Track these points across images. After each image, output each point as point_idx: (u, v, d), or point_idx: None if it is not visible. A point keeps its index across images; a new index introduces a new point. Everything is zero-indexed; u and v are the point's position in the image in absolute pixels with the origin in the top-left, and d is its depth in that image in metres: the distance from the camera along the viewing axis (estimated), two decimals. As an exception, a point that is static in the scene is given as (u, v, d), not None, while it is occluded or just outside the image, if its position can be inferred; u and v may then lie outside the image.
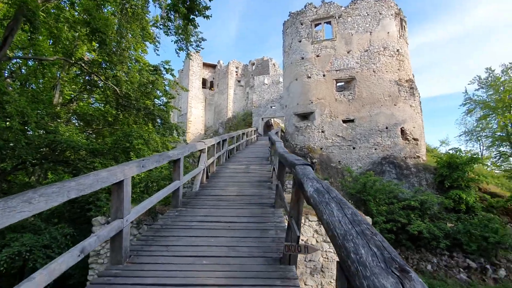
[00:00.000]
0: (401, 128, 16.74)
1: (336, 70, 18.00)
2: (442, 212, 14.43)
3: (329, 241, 6.75)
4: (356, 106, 17.35)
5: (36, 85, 13.99)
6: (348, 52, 17.99)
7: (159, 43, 10.49)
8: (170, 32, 8.99)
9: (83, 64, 10.67)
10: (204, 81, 45.03)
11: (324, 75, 18.19)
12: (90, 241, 2.67)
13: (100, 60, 9.03)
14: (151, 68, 12.71)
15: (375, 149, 16.71)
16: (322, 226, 7.16)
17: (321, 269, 6.43)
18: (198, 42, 9.83)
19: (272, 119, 31.32)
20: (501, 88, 27.37)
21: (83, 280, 6.07)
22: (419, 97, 17.63)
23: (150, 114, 9.54)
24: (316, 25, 19.07)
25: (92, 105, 13.67)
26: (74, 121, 14.23)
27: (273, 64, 39.57)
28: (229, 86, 41.54)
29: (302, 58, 18.95)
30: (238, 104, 41.99)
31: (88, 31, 7.71)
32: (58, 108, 11.64)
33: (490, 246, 12.98)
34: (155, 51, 11.03)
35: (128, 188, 3.30)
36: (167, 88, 12.84)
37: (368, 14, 18.10)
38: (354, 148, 17.03)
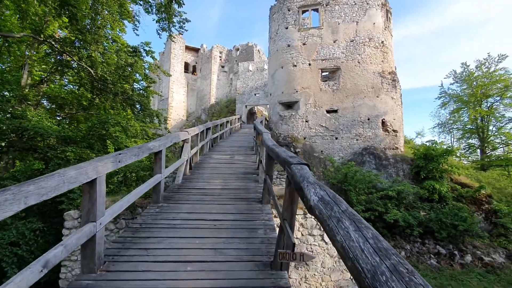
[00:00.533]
0: (382, 120, 16.95)
1: (322, 60, 17.74)
2: (416, 201, 14.96)
3: (314, 234, 6.67)
4: (340, 96, 17.30)
5: (3, 64, 12.64)
6: (334, 42, 17.72)
7: (138, 22, 9.63)
8: (151, 10, 8.22)
9: (53, 42, 9.63)
10: (186, 65, 43.36)
11: (309, 64, 17.89)
12: (56, 252, 2.26)
13: (73, 38, 8.09)
14: (129, 49, 11.80)
15: (357, 140, 16.88)
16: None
17: (306, 262, 6.36)
18: (181, 23, 9.11)
19: (255, 107, 30.87)
20: (474, 83, 28.47)
21: (54, 277, 5.60)
22: (400, 89, 17.85)
23: (129, 99, 8.81)
24: (303, 12, 18.54)
25: (65, 88, 12.59)
26: (45, 103, 13.10)
27: (258, 50, 38.69)
28: (213, 72, 40.32)
29: (288, 46, 18.47)
30: (222, 90, 40.99)
31: (56, 4, 6.81)
32: (27, 90, 10.57)
33: (459, 233, 13.67)
34: (134, 30, 10.15)
35: (102, 187, 2.88)
36: (147, 71, 12.02)
37: (355, 3, 17.80)
38: (336, 138, 17.10)
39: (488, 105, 28.69)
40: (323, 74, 18.29)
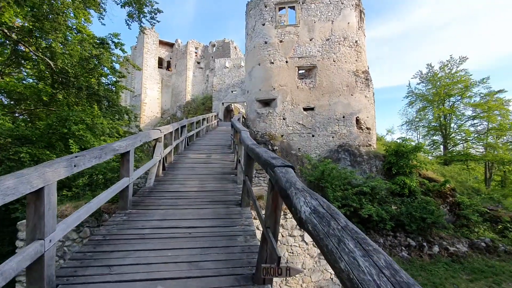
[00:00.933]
0: (356, 118, 17.28)
1: (298, 57, 17.69)
2: (389, 196, 15.45)
3: (295, 235, 6.49)
4: (316, 94, 17.38)
5: None
6: (310, 40, 17.73)
7: (104, 10, 8.80)
8: (119, -1, 7.51)
9: (5, 30, 8.53)
10: (160, 61, 41.67)
11: (287, 62, 17.77)
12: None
13: (30, 26, 7.14)
14: (96, 40, 10.87)
15: (333, 137, 17.07)
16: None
17: (286, 263, 6.15)
18: (153, 14, 8.46)
19: (232, 104, 30.37)
20: (438, 83, 30.10)
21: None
22: (373, 88, 18.31)
23: (94, 94, 8.02)
24: (280, 9, 18.35)
25: (24, 81, 11.35)
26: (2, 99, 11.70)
27: (235, 47, 38.08)
28: (188, 68, 39.10)
29: (266, 43, 18.21)
30: (198, 87, 39.92)
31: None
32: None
33: (427, 225, 14.31)
34: (99, 19, 9.29)
35: (51, 198, 2.39)
36: (116, 65, 11.15)
37: (330, 2, 17.91)
38: (313, 136, 17.18)
39: (450, 104, 30.47)
40: (300, 72, 18.27)
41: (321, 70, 17.48)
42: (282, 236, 6.18)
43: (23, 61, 9.23)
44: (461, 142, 30.83)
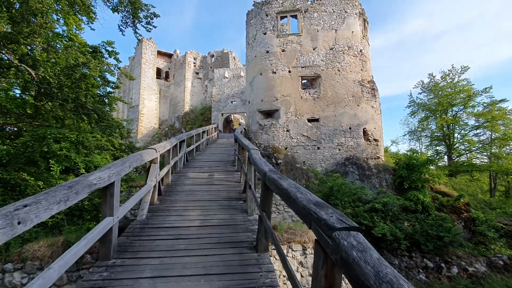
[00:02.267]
0: (363, 129, 16.41)
1: (302, 67, 16.93)
2: (401, 212, 14.42)
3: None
4: (321, 105, 16.54)
5: None
6: (314, 49, 17.02)
7: (94, 14, 7.94)
8: (110, 1, 6.65)
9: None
10: (159, 71, 40.99)
11: (289, 71, 16.99)
12: None
13: (7, 31, 6.22)
14: (88, 49, 9.98)
15: (339, 149, 16.14)
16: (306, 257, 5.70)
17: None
18: (149, 19, 7.60)
19: (232, 115, 29.49)
20: (440, 92, 29.55)
21: None
22: (379, 98, 17.54)
23: (82, 107, 7.04)
24: (282, 18, 17.71)
25: (7, 92, 10.34)
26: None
27: (234, 57, 37.55)
28: (186, 78, 38.39)
29: (267, 52, 17.48)
30: (196, 97, 39.13)
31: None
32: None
33: (443, 244, 13.27)
34: (88, 23, 8.40)
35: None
36: (109, 75, 10.21)
37: (334, 11, 17.32)
38: (318, 148, 16.24)
39: (453, 114, 29.88)
40: (304, 81, 17.49)
41: (325, 79, 16.70)
42: (302, 276, 5.11)
43: (4, 70, 8.25)
44: (465, 152, 30.10)
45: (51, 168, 5.85)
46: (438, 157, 32.26)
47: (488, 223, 15.04)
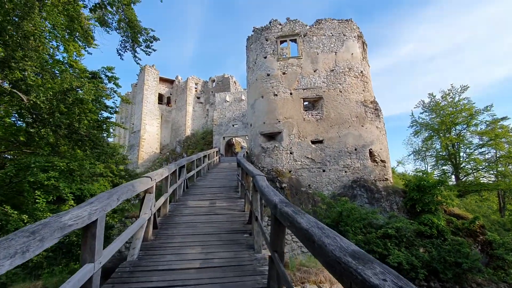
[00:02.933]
0: (369, 150, 15.89)
1: (303, 89, 16.79)
2: (415, 238, 13.48)
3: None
4: (324, 126, 16.17)
5: None
6: (314, 71, 16.99)
7: (92, 38, 7.79)
8: (108, 24, 6.47)
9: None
10: (160, 97, 41.44)
11: (291, 93, 16.83)
12: None
13: (2, 55, 5.95)
14: (88, 75, 9.81)
15: (345, 171, 15.51)
16: None
17: None
18: (148, 42, 7.41)
19: (234, 138, 29.16)
20: (442, 112, 29.36)
21: None
22: (383, 118, 17.19)
23: (75, 133, 6.62)
24: (281, 42, 17.90)
25: (2, 119, 10.03)
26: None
27: (234, 82, 38.04)
28: (188, 103, 38.66)
29: (268, 75, 17.45)
30: (198, 121, 39.15)
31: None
32: None
33: (462, 271, 12.26)
34: (85, 48, 8.24)
35: None
36: (108, 101, 9.94)
37: (332, 35, 17.51)
38: (324, 170, 15.62)
39: (456, 133, 29.50)
40: (305, 103, 17.28)
41: (327, 101, 16.48)
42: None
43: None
44: (472, 171, 29.32)
45: (38, 202, 5.28)
46: (444, 177, 31.41)
47: (505, 246, 14.10)
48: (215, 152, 17.91)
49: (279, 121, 16.51)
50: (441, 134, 29.91)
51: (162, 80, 41.85)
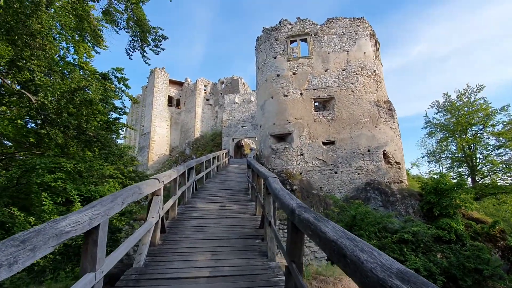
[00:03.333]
0: (383, 151, 15.35)
1: (314, 89, 16.41)
2: (432, 243, 12.86)
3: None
4: (336, 127, 15.73)
5: None
6: (325, 71, 16.59)
7: (101, 38, 7.70)
8: (117, 23, 6.34)
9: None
10: (170, 99, 41.69)
11: (301, 94, 16.48)
12: None
13: (9, 55, 5.87)
14: (98, 76, 9.76)
15: (358, 173, 15.01)
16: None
17: None
18: (157, 41, 7.25)
19: (243, 140, 28.94)
20: (458, 112, 28.36)
21: None
22: (397, 119, 16.61)
23: (83, 133, 6.49)
24: (291, 42, 17.59)
25: (14, 121, 10.09)
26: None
27: (243, 83, 37.90)
28: (197, 105, 38.73)
29: (278, 75, 17.15)
30: (207, 123, 39.16)
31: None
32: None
33: (482, 279, 11.61)
34: (93, 47, 8.15)
35: None
36: (118, 102, 9.87)
37: (344, 34, 17.09)
38: (336, 172, 15.16)
39: (472, 134, 28.45)
40: (317, 104, 16.89)
41: (339, 101, 16.04)
42: None
43: (7, 96, 7.95)
44: (489, 173, 28.16)
45: (43, 202, 5.14)
46: (463, 180, 30.23)
47: (528, 252, 13.28)
48: (225, 153, 17.70)
49: (289, 122, 16.17)
50: (456, 135, 28.93)
51: (172, 82, 42.12)
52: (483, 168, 28.20)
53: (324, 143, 15.65)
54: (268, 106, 17.31)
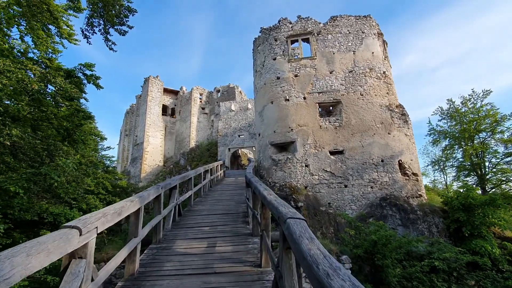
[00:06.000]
0: (398, 161, 13.28)
1: (318, 93, 14.44)
2: (465, 270, 10.64)
3: None
4: (344, 134, 13.68)
5: None
6: (330, 73, 14.67)
7: (69, 27, 5.68)
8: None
9: None
10: (165, 108, 39.55)
11: (304, 98, 14.48)
12: None
13: None
14: (62, 73, 7.68)
15: (371, 187, 12.87)
16: None
17: None
18: (122, 16, 5.20)
19: (240, 150, 26.75)
20: (464, 119, 26.66)
21: None
22: (411, 124, 14.64)
23: None
24: (292, 42, 15.72)
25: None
26: None
27: (240, 91, 36.01)
28: (192, 114, 36.62)
29: (278, 78, 15.19)
30: (202, 133, 36.98)
31: None
32: None
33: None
34: (60, 39, 6.15)
35: None
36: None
37: (349, 32, 15.28)
38: (346, 186, 13.01)
39: (480, 141, 26.65)
40: (322, 109, 14.89)
41: (347, 105, 14.06)
42: None
43: None
44: (500, 182, 26.22)
45: None
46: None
47: None
48: (219, 165, 15.44)
49: (291, 129, 14.09)
50: (462, 143, 27.14)
51: (167, 91, 40.14)
52: (494, 177, 26.30)
53: (332, 153, 13.55)
54: (267, 112, 15.26)
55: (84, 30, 5.73)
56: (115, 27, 5.56)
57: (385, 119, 13.75)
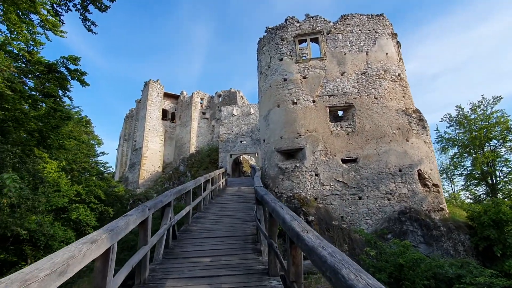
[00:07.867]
0: (417, 171, 12.00)
1: (329, 95, 13.24)
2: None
3: None
4: (358, 141, 12.43)
5: None
6: (342, 74, 13.50)
7: (54, 15, 4.55)
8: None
9: None
10: (165, 113, 38.38)
11: (314, 101, 13.27)
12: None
13: None
14: (42, 68, 6.49)
15: (389, 199, 11.56)
16: None
17: None
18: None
19: (241, 156, 25.45)
20: (474, 126, 25.48)
21: None
22: (430, 131, 13.40)
23: None
24: (300, 42, 14.59)
25: None
26: None
27: (241, 96, 34.89)
28: (193, 119, 35.41)
29: (285, 80, 14.01)
30: (203, 138, 35.71)
31: None
32: None
33: None
34: (44, 31, 5.01)
35: None
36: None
37: (362, 32, 14.17)
38: (360, 198, 11.69)
39: (491, 149, 25.41)
40: (333, 113, 13.67)
41: (360, 109, 12.84)
42: None
43: None
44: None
45: None
46: (478, 199, 27.03)
47: None
48: (221, 173, 14.11)
49: (300, 135, 12.84)
50: (472, 151, 25.90)
51: (167, 95, 39.02)
52: (504, 187, 24.99)
53: (344, 161, 12.28)
54: (273, 116, 14.03)
55: (54, 4, 4.52)
56: (96, 2, 4.41)
57: (402, 125, 12.52)
